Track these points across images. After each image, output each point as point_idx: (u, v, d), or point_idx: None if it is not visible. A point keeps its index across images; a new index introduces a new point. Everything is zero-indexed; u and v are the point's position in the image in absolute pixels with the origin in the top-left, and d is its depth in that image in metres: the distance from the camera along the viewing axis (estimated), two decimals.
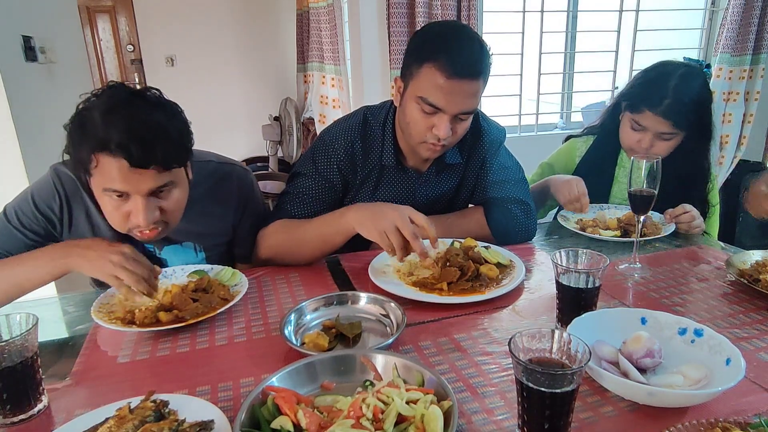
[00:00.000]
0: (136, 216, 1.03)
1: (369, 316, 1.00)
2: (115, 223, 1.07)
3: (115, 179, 0.98)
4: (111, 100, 1.00)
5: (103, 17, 5.07)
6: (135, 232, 1.08)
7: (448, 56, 1.12)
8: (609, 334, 0.84)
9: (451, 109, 1.16)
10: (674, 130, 1.45)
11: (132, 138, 0.96)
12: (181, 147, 1.05)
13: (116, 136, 0.95)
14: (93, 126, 0.97)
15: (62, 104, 2.36)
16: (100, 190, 1.02)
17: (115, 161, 0.96)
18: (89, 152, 0.97)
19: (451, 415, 0.64)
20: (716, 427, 0.64)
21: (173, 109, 1.06)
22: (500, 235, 1.36)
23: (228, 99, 5.11)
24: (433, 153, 1.26)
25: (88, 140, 0.97)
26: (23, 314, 0.76)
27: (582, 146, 1.74)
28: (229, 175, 1.30)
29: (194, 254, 1.28)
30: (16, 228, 1.12)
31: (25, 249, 1.11)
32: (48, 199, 1.14)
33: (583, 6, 3.51)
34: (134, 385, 0.82)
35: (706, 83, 1.48)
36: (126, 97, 1.01)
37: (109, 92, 1.01)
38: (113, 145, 0.95)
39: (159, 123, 1.01)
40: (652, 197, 1.17)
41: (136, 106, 1.00)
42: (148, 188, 1.01)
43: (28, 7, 2.21)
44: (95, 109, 0.99)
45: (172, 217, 1.10)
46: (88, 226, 1.18)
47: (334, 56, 3.50)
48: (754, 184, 0.72)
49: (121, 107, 0.99)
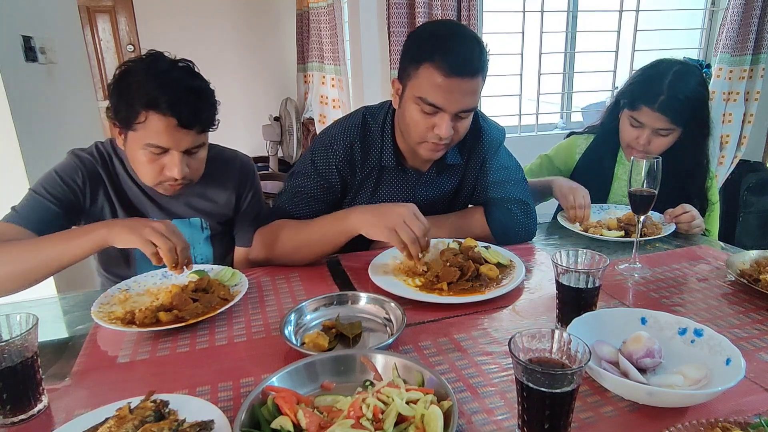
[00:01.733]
0: (171, 170, 1.15)
1: (369, 316, 1.00)
2: (147, 175, 1.18)
3: (161, 136, 1.10)
4: (156, 64, 1.12)
5: (103, 17, 5.07)
6: (164, 186, 1.19)
7: (445, 55, 1.12)
8: (609, 334, 0.84)
9: (451, 107, 1.16)
10: (671, 126, 1.47)
11: (183, 100, 1.09)
12: (215, 112, 1.20)
13: (168, 96, 1.07)
14: (143, 85, 1.08)
15: (62, 104, 2.37)
16: (142, 144, 1.12)
17: (164, 119, 1.08)
18: (140, 108, 1.08)
19: (451, 415, 0.64)
20: (716, 427, 0.64)
21: (205, 79, 1.19)
22: (500, 235, 1.36)
23: (228, 99, 5.07)
24: (434, 153, 1.26)
25: (139, 96, 1.08)
26: (23, 314, 0.76)
27: (583, 143, 1.75)
28: (232, 158, 1.40)
29: (200, 231, 1.36)
30: (43, 197, 1.18)
31: (53, 217, 1.17)
32: (72, 173, 1.22)
33: (583, 6, 3.51)
34: (134, 385, 0.82)
35: (702, 80, 1.50)
36: (168, 63, 1.14)
37: (151, 58, 1.14)
38: (165, 105, 1.07)
39: (203, 89, 1.16)
40: (652, 197, 1.17)
41: (179, 71, 1.14)
42: (186, 146, 1.14)
43: (28, 7, 2.20)
44: (142, 71, 1.10)
45: (196, 174, 1.23)
46: (106, 200, 1.27)
47: (334, 56, 3.50)
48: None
49: (168, 71, 1.12)
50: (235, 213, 1.39)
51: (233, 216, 1.39)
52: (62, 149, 1.30)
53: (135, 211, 1.29)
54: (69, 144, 1.38)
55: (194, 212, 1.34)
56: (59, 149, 1.35)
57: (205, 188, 1.33)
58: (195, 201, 1.34)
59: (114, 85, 1.12)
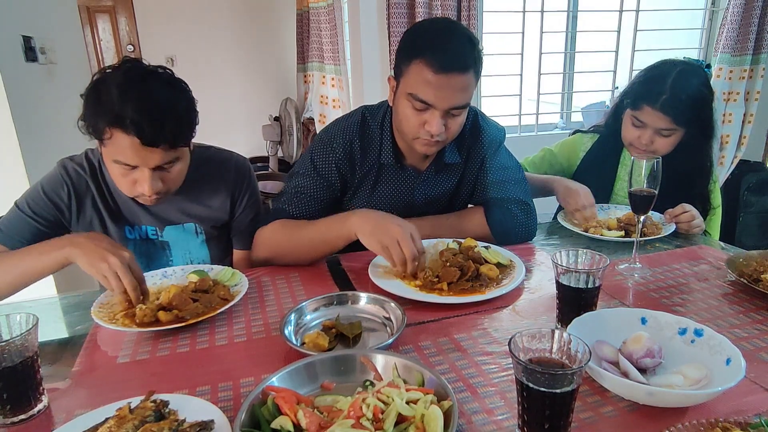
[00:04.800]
0: (142, 186, 1.12)
1: (369, 316, 1.00)
2: (122, 188, 1.16)
3: (127, 154, 1.07)
4: (127, 75, 1.07)
5: (103, 17, 5.07)
6: (142, 198, 1.17)
7: (435, 51, 1.12)
8: (609, 334, 0.84)
9: (441, 104, 1.16)
10: (673, 126, 1.46)
11: (145, 118, 1.03)
12: (189, 126, 1.14)
13: (131, 113, 1.02)
14: (109, 100, 1.04)
15: (62, 104, 2.36)
16: (111, 159, 1.10)
17: (128, 137, 1.04)
18: (104, 125, 1.05)
19: (451, 415, 0.64)
20: (716, 427, 0.64)
21: (183, 88, 1.14)
22: (500, 235, 1.36)
23: (228, 99, 5.11)
24: (428, 149, 1.25)
25: (104, 113, 1.04)
26: (23, 314, 0.76)
27: (588, 142, 1.75)
28: (227, 160, 1.36)
29: (195, 235, 1.33)
30: (27, 216, 1.19)
31: (37, 235, 1.18)
32: (56, 188, 1.21)
33: (583, 6, 3.51)
34: (134, 385, 0.82)
35: (706, 80, 1.49)
36: (141, 74, 1.09)
37: (125, 67, 1.09)
38: (128, 122, 1.03)
39: (171, 103, 1.09)
40: (652, 197, 1.17)
41: (149, 85, 1.08)
42: (155, 164, 1.10)
43: (28, 7, 2.21)
44: (112, 82, 1.06)
45: (173, 185, 1.19)
46: (95, 212, 1.25)
47: (334, 56, 3.50)
48: None
49: (136, 84, 1.06)
50: (231, 216, 1.36)
51: (229, 220, 1.36)
52: (62, 149, 1.31)
53: (125, 220, 1.27)
54: (69, 144, 1.38)
55: (187, 217, 1.31)
56: (59, 149, 1.35)
57: (199, 192, 1.30)
58: (188, 206, 1.30)
59: (86, 95, 1.08)
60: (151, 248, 1.31)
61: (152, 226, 1.29)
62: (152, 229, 1.29)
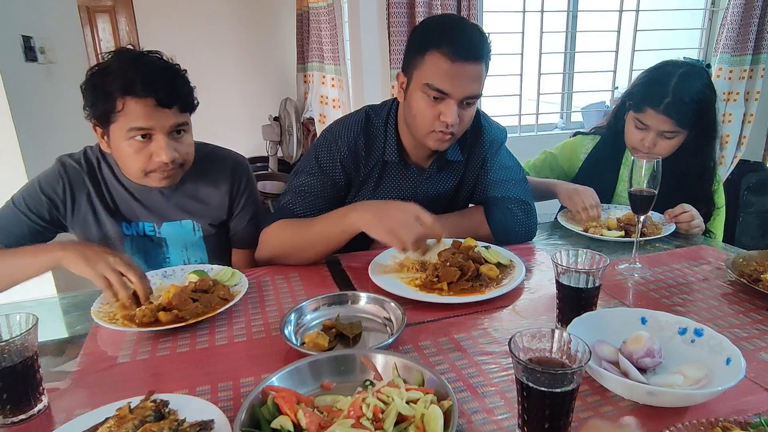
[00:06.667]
0: (159, 155, 1.14)
1: (369, 316, 1.00)
2: (135, 166, 1.16)
3: (141, 117, 1.09)
4: (126, 54, 1.13)
5: (103, 17, 5.06)
6: (155, 175, 1.17)
7: (451, 41, 1.15)
8: (609, 334, 0.84)
9: (457, 93, 1.17)
10: (676, 128, 1.45)
11: (157, 78, 1.10)
12: (192, 94, 1.19)
13: (142, 77, 1.08)
14: (116, 74, 1.08)
15: (62, 104, 2.36)
16: (125, 132, 1.11)
17: (141, 101, 1.09)
18: (115, 98, 1.08)
19: (451, 414, 0.64)
20: (716, 426, 0.64)
21: (178, 64, 1.20)
22: (501, 234, 1.36)
23: (228, 99, 5.11)
24: (441, 144, 1.26)
25: (113, 87, 1.08)
26: (23, 314, 0.76)
27: (589, 144, 1.74)
28: (225, 158, 1.37)
29: (192, 233, 1.33)
30: (22, 212, 1.20)
31: (30, 233, 1.20)
32: (53, 183, 1.22)
33: (583, 6, 3.51)
34: (134, 385, 0.82)
35: (709, 82, 1.48)
36: (138, 53, 1.15)
37: (120, 50, 1.15)
38: (140, 86, 1.08)
39: (176, 70, 1.16)
40: (652, 197, 1.17)
41: (150, 57, 1.15)
42: (170, 125, 1.13)
43: (28, 7, 2.21)
44: (113, 63, 1.11)
45: (187, 158, 1.21)
46: (90, 208, 1.25)
47: (334, 56, 3.50)
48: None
49: (138, 58, 1.13)
50: (229, 215, 1.36)
51: (227, 218, 1.36)
52: (62, 149, 1.30)
53: (123, 216, 1.27)
54: (69, 143, 1.38)
55: (185, 214, 1.31)
56: (59, 148, 1.35)
57: (196, 189, 1.31)
58: (186, 203, 1.30)
59: (87, 84, 1.12)
60: (148, 245, 1.31)
61: (150, 222, 1.29)
62: (150, 226, 1.29)
